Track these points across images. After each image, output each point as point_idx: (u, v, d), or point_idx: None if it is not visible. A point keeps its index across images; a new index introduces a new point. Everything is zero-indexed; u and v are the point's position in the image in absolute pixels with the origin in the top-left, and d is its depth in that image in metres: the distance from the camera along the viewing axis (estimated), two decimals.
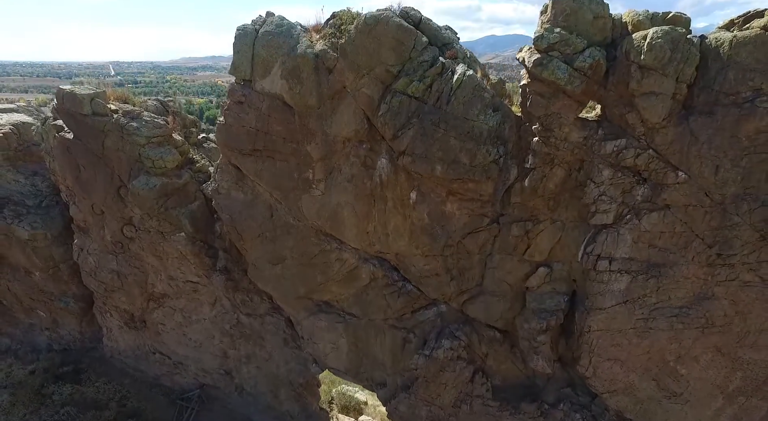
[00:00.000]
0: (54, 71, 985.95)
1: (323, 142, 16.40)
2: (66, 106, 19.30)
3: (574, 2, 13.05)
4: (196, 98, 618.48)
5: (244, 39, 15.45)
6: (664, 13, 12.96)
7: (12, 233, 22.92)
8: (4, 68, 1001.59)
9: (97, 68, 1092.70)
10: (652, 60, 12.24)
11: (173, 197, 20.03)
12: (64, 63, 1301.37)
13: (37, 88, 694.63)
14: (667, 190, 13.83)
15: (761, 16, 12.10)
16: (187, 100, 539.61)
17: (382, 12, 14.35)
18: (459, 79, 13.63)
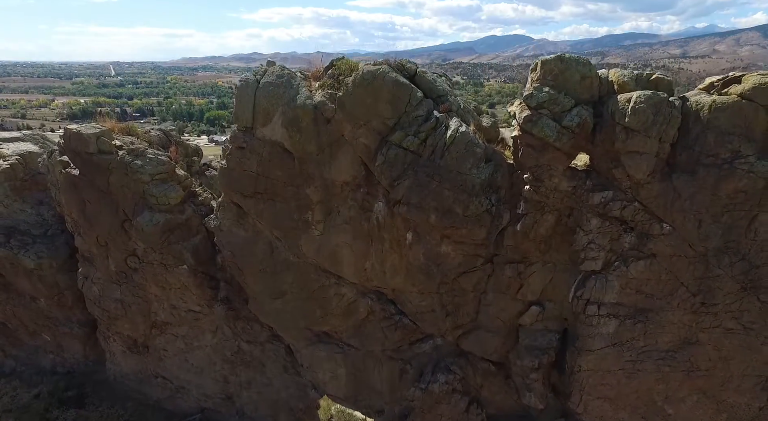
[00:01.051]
0: (54, 72, 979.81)
1: (322, 186, 16.97)
2: (72, 145, 19.87)
3: (562, 63, 13.63)
4: (197, 99, 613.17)
5: (246, 90, 16.03)
6: (647, 74, 13.54)
7: (18, 262, 23.47)
8: (4, 69, 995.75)
9: (97, 68, 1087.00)
10: (636, 123, 12.82)
11: (176, 232, 20.58)
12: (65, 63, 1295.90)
13: (38, 88, 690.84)
14: (653, 240, 14.39)
15: (738, 82, 12.67)
16: (187, 100, 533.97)
17: (379, 67, 14.92)
18: (452, 136, 14.20)
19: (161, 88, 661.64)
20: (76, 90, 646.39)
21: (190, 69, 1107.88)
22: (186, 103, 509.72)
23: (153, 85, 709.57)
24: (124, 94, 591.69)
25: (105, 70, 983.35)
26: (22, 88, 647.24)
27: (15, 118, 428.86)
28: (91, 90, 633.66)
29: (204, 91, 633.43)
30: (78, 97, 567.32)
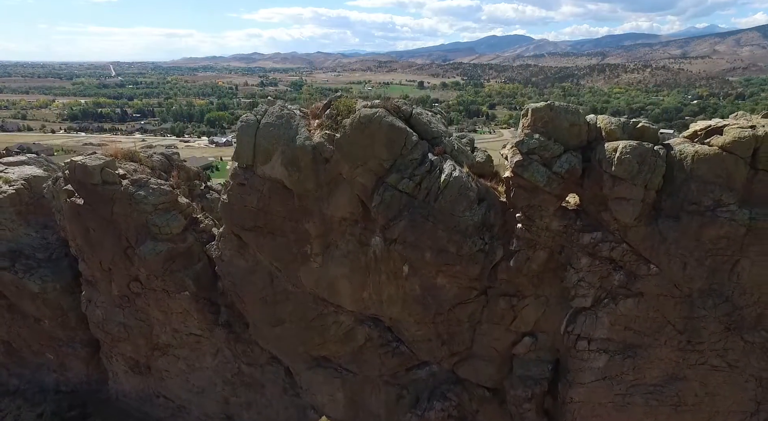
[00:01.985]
0: (55, 72, 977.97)
1: (321, 221, 17.45)
2: (77, 176, 20.35)
3: (552, 111, 14.11)
4: (197, 99, 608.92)
5: (247, 130, 16.51)
6: (634, 122, 14.03)
7: (23, 286, 23.96)
8: (5, 69, 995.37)
9: (98, 69, 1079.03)
10: (622, 172, 13.31)
11: (178, 260, 21.06)
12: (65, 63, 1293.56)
13: (38, 89, 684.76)
14: (641, 279, 14.87)
15: (720, 133, 13.15)
16: (187, 101, 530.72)
17: (375, 111, 15.39)
18: (446, 180, 14.68)
19: (161, 89, 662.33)
20: (76, 90, 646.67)
21: (191, 69, 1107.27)
22: (186, 103, 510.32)
23: (153, 85, 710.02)
24: (125, 94, 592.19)
25: (105, 71, 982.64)
26: (23, 88, 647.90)
27: (16, 119, 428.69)
28: (91, 90, 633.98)
29: (204, 92, 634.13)
30: (78, 98, 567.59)
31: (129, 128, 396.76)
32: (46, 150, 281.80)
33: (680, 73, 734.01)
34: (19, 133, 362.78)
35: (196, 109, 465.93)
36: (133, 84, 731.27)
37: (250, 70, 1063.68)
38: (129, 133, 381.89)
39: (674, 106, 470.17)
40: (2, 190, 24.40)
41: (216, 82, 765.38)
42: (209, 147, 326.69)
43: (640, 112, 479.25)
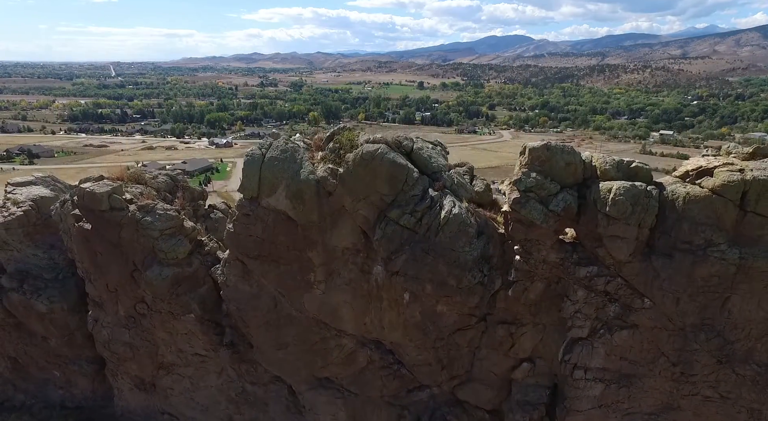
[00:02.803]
0: (55, 72, 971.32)
1: (324, 250, 17.90)
2: (86, 203, 20.79)
3: (549, 151, 14.56)
4: (197, 100, 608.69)
5: (252, 164, 16.95)
6: (627, 162, 14.48)
7: (31, 307, 24.39)
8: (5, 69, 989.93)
9: (98, 69, 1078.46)
10: (616, 212, 13.77)
11: (184, 284, 21.49)
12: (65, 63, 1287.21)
13: (38, 89, 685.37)
14: (635, 312, 15.33)
15: (710, 175, 13.59)
16: (187, 102, 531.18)
17: (378, 147, 15.83)
18: (446, 217, 15.12)
19: (162, 89, 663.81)
20: (76, 91, 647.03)
21: (191, 69, 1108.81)
22: (186, 104, 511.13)
23: (153, 86, 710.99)
24: (125, 95, 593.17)
25: (105, 71, 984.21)
26: (23, 88, 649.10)
27: (16, 120, 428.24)
28: (91, 91, 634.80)
29: (204, 92, 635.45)
30: (78, 98, 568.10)
31: (129, 129, 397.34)
32: (47, 151, 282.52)
33: (680, 73, 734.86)
34: (19, 135, 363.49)
35: (196, 109, 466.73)
36: (133, 84, 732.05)
37: (250, 71, 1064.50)
38: (129, 134, 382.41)
39: (674, 107, 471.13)
40: (11, 212, 24.80)
41: (216, 82, 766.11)
42: (209, 148, 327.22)
43: (640, 112, 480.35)
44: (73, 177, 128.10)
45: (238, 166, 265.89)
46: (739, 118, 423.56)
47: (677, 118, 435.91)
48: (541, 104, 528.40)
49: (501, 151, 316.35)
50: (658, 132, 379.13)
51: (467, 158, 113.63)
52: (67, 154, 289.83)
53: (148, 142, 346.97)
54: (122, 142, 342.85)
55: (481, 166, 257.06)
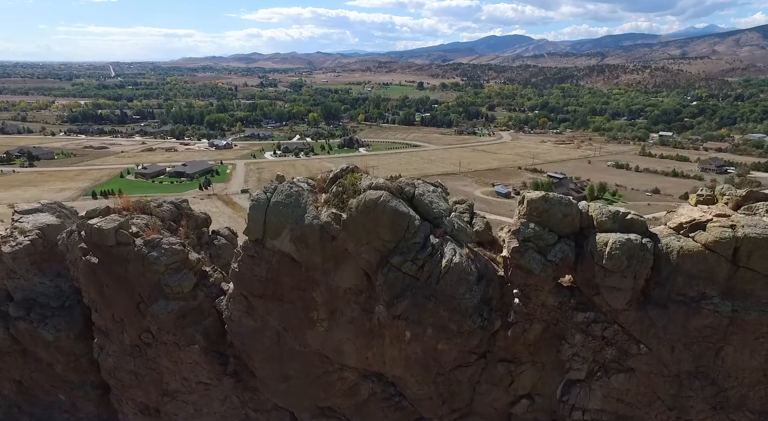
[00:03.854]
0: (54, 72, 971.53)
1: (327, 290, 18.30)
2: (93, 238, 21.17)
3: (546, 203, 14.98)
4: (197, 101, 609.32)
5: (258, 209, 17.36)
6: (623, 214, 14.88)
7: (38, 335, 24.78)
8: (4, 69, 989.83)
9: (97, 69, 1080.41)
10: (612, 266, 14.18)
11: (189, 316, 21.88)
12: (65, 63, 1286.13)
13: (38, 90, 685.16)
14: (632, 357, 15.74)
15: (703, 228, 14.00)
16: (187, 102, 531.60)
17: (380, 195, 16.22)
18: (447, 266, 15.53)
19: (161, 90, 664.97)
20: (76, 91, 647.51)
21: (190, 69, 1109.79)
22: (186, 105, 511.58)
23: (153, 86, 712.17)
24: (124, 95, 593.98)
25: (105, 71, 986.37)
26: (22, 89, 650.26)
27: (15, 121, 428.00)
28: (91, 91, 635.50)
29: (204, 93, 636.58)
30: (78, 99, 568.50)
31: (129, 131, 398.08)
32: (47, 153, 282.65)
33: (679, 74, 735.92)
34: (19, 136, 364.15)
35: (195, 110, 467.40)
36: (132, 85, 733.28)
37: (250, 71, 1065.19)
38: (129, 135, 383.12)
39: (673, 108, 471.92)
40: (18, 242, 25.18)
41: (215, 82, 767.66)
42: (209, 150, 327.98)
43: (640, 113, 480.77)
44: (74, 179, 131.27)
45: (237, 168, 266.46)
46: (739, 119, 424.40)
47: (676, 119, 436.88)
48: (541, 105, 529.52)
49: (500, 153, 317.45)
50: (657, 133, 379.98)
51: (467, 160, 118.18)
52: (67, 155, 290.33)
53: (148, 143, 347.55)
54: (122, 143, 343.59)
55: (481, 169, 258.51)
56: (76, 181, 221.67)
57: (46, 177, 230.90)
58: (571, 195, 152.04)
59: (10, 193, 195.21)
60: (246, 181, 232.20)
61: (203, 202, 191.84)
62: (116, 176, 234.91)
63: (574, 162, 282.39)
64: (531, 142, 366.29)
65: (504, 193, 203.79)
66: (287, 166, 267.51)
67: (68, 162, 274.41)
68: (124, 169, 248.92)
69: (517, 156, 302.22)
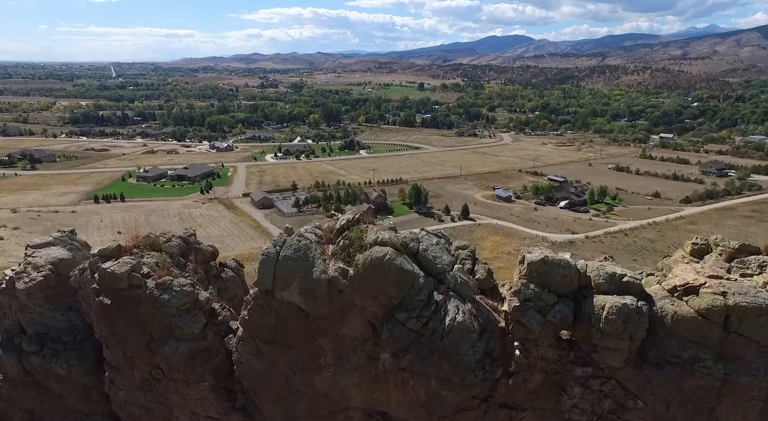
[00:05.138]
0: (55, 73, 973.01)
1: (334, 338, 18.94)
2: (106, 282, 21.82)
3: (545, 265, 15.61)
4: (198, 102, 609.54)
5: (268, 263, 18.00)
6: (620, 275, 15.48)
7: (50, 369, 25.42)
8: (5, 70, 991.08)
9: (98, 69, 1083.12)
10: (609, 329, 14.81)
11: (199, 356, 22.52)
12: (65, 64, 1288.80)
13: (39, 90, 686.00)
14: (629, 411, 16.36)
15: (696, 293, 14.62)
16: (188, 103, 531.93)
17: (386, 252, 16.85)
18: (450, 325, 16.16)
19: (162, 90, 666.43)
20: (77, 92, 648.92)
21: (191, 70, 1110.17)
22: (187, 106, 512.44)
23: (154, 87, 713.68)
24: (125, 96, 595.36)
25: (106, 71, 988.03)
26: (24, 90, 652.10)
27: (17, 123, 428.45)
28: (92, 92, 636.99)
29: (205, 94, 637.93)
30: (79, 100, 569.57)
31: (130, 132, 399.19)
32: (49, 156, 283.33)
33: (680, 75, 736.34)
34: (20, 138, 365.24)
35: (196, 112, 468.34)
36: (133, 85, 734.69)
37: (251, 72, 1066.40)
38: (130, 137, 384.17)
39: (674, 109, 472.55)
40: (32, 278, 25.82)
41: (216, 83, 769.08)
42: (210, 152, 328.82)
43: (640, 114, 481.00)
44: (75, 182, 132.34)
45: (238, 170, 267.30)
46: (739, 121, 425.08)
47: (677, 121, 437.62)
48: (542, 106, 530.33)
49: (501, 155, 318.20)
50: (657, 135, 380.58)
51: (468, 163, 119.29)
52: (68, 158, 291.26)
53: (149, 145, 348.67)
54: (123, 145, 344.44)
55: (482, 171, 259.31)
56: (77, 185, 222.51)
57: (48, 180, 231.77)
58: (571, 199, 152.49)
59: (12, 197, 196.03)
60: (247, 184, 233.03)
61: (205, 206, 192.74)
62: (118, 180, 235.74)
63: (575, 165, 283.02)
64: (532, 144, 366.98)
65: (504, 197, 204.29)
66: (288, 169, 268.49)
67: (70, 165, 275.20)
68: (126, 172, 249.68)
69: (517, 158, 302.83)
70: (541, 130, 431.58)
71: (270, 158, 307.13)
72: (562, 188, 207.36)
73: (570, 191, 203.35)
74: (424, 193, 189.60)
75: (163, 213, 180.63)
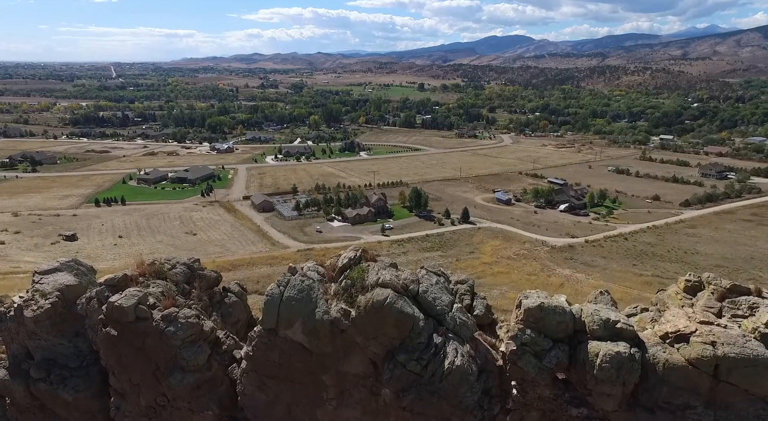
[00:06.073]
0: (56, 73, 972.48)
1: (336, 374, 19.46)
2: (114, 315, 22.35)
3: (542, 311, 16.12)
4: (198, 102, 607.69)
5: (272, 303, 18.53)
6: (613, 322, 15.98)
7: (57, 396, 25.95)
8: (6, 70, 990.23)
9: (98, 69, 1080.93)
10: (603, 376, 15.32)
11: (203, 386, 23.04)
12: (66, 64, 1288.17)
13: (39, 91, 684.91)
14: None
15: (687, 341, 15.13)
16: (188, 104, 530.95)
17: (387, 295, 17.38)
18: (449, 368, 16.69)
19: (162, 91, 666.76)
20: (77, 92, 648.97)
21: (191, 70, 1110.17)
22: (187, 107, 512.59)
23: (154, 87, 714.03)
24: (126, 97, 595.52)
25: (106, 72, 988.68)
26: (24, 90, 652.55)
27: (18, 124, 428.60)
28: (92, 93, 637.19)
29: (205, 94, 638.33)
30: (80, 100, 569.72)
31: (130, 133, 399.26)
32: (50, 158, 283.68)
33: (680, 75, 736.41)
34: (21, 139, 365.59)
35: (197, 113, 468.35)
36: (134, 86, 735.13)
37: (251, 72, 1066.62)
38: (131, 138, 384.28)
39: (674, 110, 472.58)
40: (40, 305, 26.33)
41: (217, 84, 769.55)
42: (210, 154, 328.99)
43: (640, 115, 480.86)
44: (76, 185, 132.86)
45: (239, 173, 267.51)
46: (739, 122, 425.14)
47: (677, 122, 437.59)
48: (542, 107, 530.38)
49: (501, 157, 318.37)
50: (658, 137, 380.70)
51: (468, 165, 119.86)
52: (69, 160, 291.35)
53: (150, 147, 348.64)
54: (124, 147, 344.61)
55: (482, 174, 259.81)
56: (78, 188, 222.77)
57: (49, 183, 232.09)
58: (571, 202, 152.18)
59: (13, 200, 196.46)
60: (247, 187, 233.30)
61: (205, 209, 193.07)
62: (118, 182, 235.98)
63: (575, 167, 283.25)
64: (532, 145, 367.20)
65: (504, 200, 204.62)
66: (288, 171, 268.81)
67: (71, 167, 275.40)
68: (126, 174, 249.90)
69: (517, 160, 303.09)
70: (541, 131, 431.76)
71: (270, 160, 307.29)
72: (562, 191, 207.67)
73: (570, 194, 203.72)
74: (424, 197, 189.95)
75: (163, 216, 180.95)
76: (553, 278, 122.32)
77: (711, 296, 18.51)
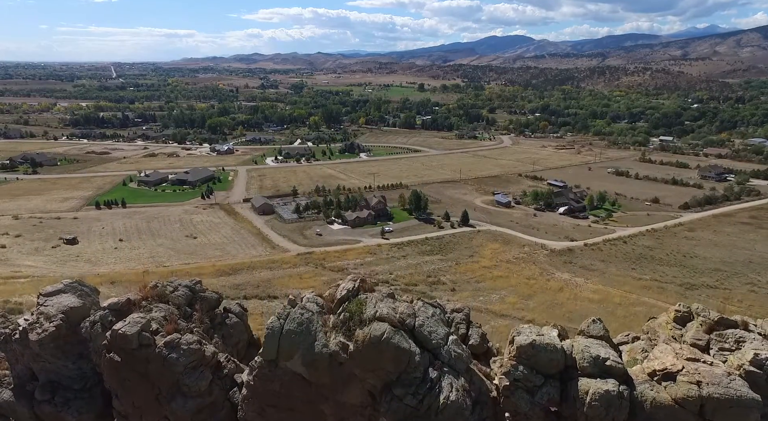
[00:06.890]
0: (56, 73, 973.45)
1: (335, 404, 19.97)
2: (118, 343, 22.86)
3: (533, 349, 16.64)
4: (198, 102, 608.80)
5: (272, 336, 19.05)
6: (602, 359, 16.50)
7: (62, 418, 26.47)
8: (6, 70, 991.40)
9: (98, 69, 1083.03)
10: (592, 413, 15.85)
11: (205, 411, 23.56)
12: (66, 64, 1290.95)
13: (40, 91, 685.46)
14: None
15: (674, 380, 15.65)
16: (188, 105, 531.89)
17: (384, 330, 17.88)
18: (444, 403, 17.19)
19: (162, 91, 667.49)
20: (77, 93, 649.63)
21: (191, 70, 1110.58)
22: (187, 107, 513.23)
23: (154, 87, 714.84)
24: (126, 97, 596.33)
25: (106, 72, 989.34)
26: (24, 90, 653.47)
27: (18, 125, 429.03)
28: (92, 93, 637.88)
29: (205, 94, 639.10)
30: (80, 101, 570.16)
31: (130, 134, 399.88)
32: (50, 160, 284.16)
33: (680, 76, 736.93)
34: (21, 141, 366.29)
35: (197, 113, 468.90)
36: (134, 86, 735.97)
37: (251, 72, 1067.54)
38: (131, 139, 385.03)
39: (674, 111, 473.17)
40: (44, 328, 26.82)
41: (217, 84, 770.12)
42: (210, 155, 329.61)
43: (640, 116, 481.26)
44: (77, 187, 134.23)
45: (239, 175, 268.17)
46: (739, 123, 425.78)
47: (677, 123, 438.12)
48: (542, 107, 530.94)
49: (501, 159, 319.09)
50: (657, 138, 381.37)
51: (467, 166, 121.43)
52: (69, 161, 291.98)
53: (150, 148, 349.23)
54: (124, 148, 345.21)
55: (482, 175, 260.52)
56: (79, 190, 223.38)
57: (50, 185, 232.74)
58: (570, 205, 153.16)
59: (14, 203, 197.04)
60: (248, 189, 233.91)
61: (206, 212, 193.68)
62: (119, 184, 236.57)
63: (575, 168, 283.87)
64: (532, 146, 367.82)
65: (504, 203, 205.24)
66: (288, 173, 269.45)
67: (71, 168, 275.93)
68: (127, 176, 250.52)
69: (517, 162, 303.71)
70: (540, 132, 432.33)
71: (270, 162, 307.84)
72: (562, 194, 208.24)
73: (569, 197, 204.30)
74: (423, 199, 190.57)
75: (164, 219, 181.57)
76: (552, 282, 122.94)
77: (699, 328, 19.05)
